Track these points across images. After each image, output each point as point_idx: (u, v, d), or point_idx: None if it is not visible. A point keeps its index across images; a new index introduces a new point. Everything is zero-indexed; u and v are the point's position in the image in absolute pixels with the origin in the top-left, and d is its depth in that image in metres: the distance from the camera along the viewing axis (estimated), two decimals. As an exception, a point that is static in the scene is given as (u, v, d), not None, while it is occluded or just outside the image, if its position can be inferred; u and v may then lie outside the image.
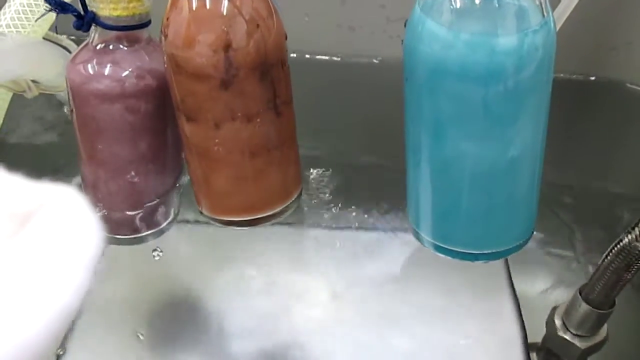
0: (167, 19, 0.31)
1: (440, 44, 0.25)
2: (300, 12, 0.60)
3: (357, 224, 0.46)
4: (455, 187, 0.30)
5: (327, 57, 0.60)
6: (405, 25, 0.27)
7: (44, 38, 0.52)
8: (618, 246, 0.29)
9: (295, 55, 0.60)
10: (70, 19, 0.34)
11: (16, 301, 0.13)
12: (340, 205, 0.48)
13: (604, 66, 0.58)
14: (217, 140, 0.33)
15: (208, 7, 0.29)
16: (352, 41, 0.59)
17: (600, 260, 0.32)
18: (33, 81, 0.54)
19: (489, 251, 0.34)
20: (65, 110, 0.59)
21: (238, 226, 0.37)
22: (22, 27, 0.49)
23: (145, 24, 0.35)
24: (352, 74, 0.60)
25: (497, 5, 0.25)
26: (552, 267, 0.45)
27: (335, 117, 0.58)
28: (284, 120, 0.35)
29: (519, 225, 0.34)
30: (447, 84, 0.26)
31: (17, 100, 0.53)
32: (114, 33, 0.34)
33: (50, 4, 0.33)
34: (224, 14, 0.29)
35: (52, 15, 0.37)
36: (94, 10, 0.33)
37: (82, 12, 0.34)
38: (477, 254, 0.34)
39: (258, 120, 0.32)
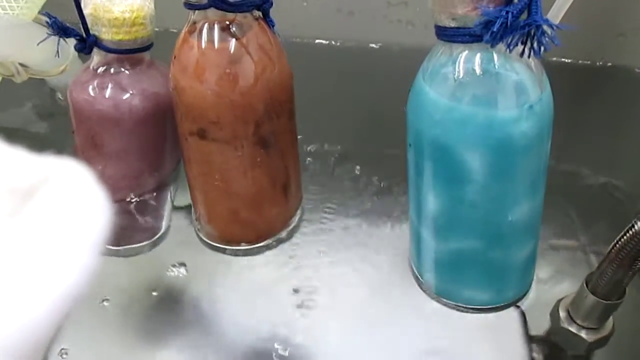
0: (175, 57, 0.32)
1: (440, 114, 0.26)
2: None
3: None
4: (455, 243, 0.31)
5: (326, 42, 0.60)
6: (409, 92, 0.29)
7: (33, 21, 0.53)
8: (629, 233, 0.29)
9: (296, 40, 0.60)
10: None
11: (17, 283, 0.13)
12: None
13: (611, 52, 0.58)
14: (216, 177, 0.33)
15: (216, 46, 0.30)
16: (352, 26, 0.59)
17: (609, 248, 0.31)
18: (22, 65, 0.54)
19: (485, 306, 0.35)
20: (59, 97, 0.59)
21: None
22: (11, 9, 0.49)
23: (147, 47, 0.35)
24: (351, 59, 0.60)
25: (497, 79, 0.26)
26: (555, 259, 0.45)
27: (334, 102, 0.59)
28: (288, 154, 0.35)
29: (515, 284, 0.35)
30: (447, 153, 0.27)
31: (7, 85, 0.53)
32: (115, 56, 0.35)
33: (53, 28, 0.34)
34: (231, 53, 0.30)
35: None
36: (96, 34, 0.34)
37: (84, 36, 0.34)
38: (472, 308, 0.35)
39: (258, 160, 0.33)
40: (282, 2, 0.62)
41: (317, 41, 0.59)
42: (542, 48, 0.23)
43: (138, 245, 0.38)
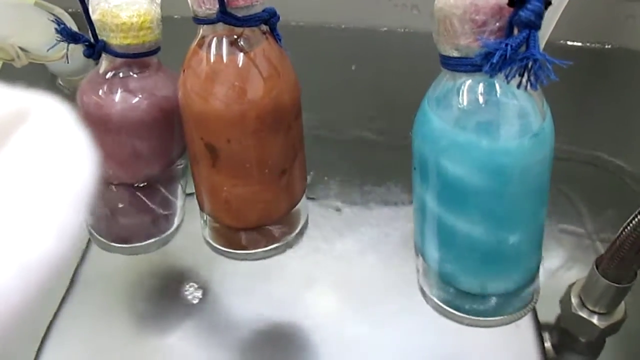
0: (184, 70, 0.33)
1: (444, 141, 0.28)
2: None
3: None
4: (457, 264, 0.32)
5: (332, 26, 0.61)
6: (414, 117, 0.30)
7: (35, 4, 0.54)
8: (640, 216, 0.30)
9: (302, 24, 0.61)
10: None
11: None
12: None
13: (620, 34, 0.59)
14: (225, 189, 0.35)
15: (225, 60, 0.31)
16: (358, 10, 0.60)
17: (620, 230, 0.32)
18: (22, 49, 0.55)
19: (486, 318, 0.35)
20: (60, 83, 0.60)
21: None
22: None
23: (154, 51, 0.37)
24: (357, 43, 0.62)
25: (499, 107, 0.27)
26: (562, 246, 0.47)
27: (340, 86, 0.60)
28: (294, 172, 0.37)
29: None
30: (450, 179, 0.29)
31: (8, 70, 0.54)
32: (123, 60, 0.36)
33: (62, 34, 0.35)
34: (240, 67, 0.31)
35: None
36: (105, 39, 0.35)
37: (92, 41, 0.35)
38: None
39: (266, 171, 0.34)
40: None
41: (322, 25, 0.60)
42: (539, 81, 0.25)
43: (147, 242, 0.40)
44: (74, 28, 0.54)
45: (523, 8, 0.24)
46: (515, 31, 0.25)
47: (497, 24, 0.26)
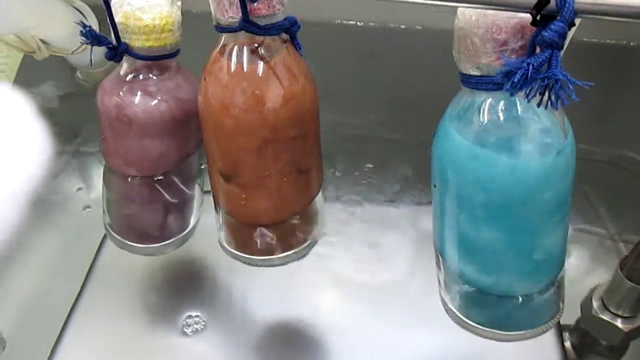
0: (205, 79, 0.33)
1: (464, 159, 0.28)
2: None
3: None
4: (478, 277, 0.32)
5: (350, 22, 0.61)
6: (433, 136, 0.30)
7: (57, -3, 0.54)
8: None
9: (318, 20, 0.61)
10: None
11: None
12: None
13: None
14: (244, 196, 0.36)
15: (245, 68, 0.32)
16: (374, 7, 0.60)
17: None
18: (43, 41, 0.56)
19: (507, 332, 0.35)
20: (79, 75, 0.61)
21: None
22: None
23: (174, 54, 0.38)
24: (373, 40, 0.62)
25: (521, 125, 0.28)
26: (584, 248, 0.47)
27: (356, 82, 0.60)
28: (311, 178, 0.37)
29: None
30: (471, 197, 0.29)
31: (28, 63, 0.55)
32: (144, 62, 0.37)
33: (87, 37, 0.35)
34: (260, 75, 0.32)
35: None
36: (127, 41, 0.36)
37: (115, 44, 0.36)
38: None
39: (285, 179, 0.35)
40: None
41: (337, 22, 0.60)
42: (560, 101, 0.25)
43: (164, 244, 0.41)
44: (95, 21, 0.55)
45: (546, 28, 0.24)
46: (537, 50, 0.25)
47: (519, 43, 0.26)
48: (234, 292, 0.44)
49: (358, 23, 0.61)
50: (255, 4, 0.30)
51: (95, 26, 0.56)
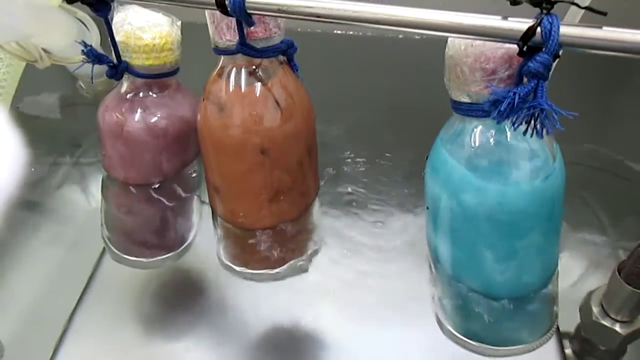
0: (204, 99, 0.34)
1: (456, 183, 0.29)
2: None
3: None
4: (469, 295, 0.33)
5: (351, 33, 0.62)
6: (426, 159, 0.31)
7: (59, 7, 0.55)
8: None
9: (318, 30, 0.62)
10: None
11: None
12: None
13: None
14: (241, 214, 0.37)
15: (243, 90, 0.33)
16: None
17: None
18: (45, 50, 0.57)
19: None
20: (80, 85, 0.62)
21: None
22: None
23: (174, 72, 0.39)
24: (371, 49, 0.63)
25: (510, 151, 0.29)
26: (583, 253, 0.47)
27: (354, 91, 0.61)
28: (307, 194, 0.39)
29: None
30: (462, 219, 0.30)
31: (30, 72, 0.56)
32: (144, 80, 0.38)
33: (88, 56, 0.36)
34: (257, 97, 0.33)
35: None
36: (127, 60, 0.37)
37: (116, 62, 0.37)
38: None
39: (282, 198, 0.36)
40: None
41: (335, 32, 0.61)
42: (545, 130, 0.26)
43: (161, 258, 0.42)
44: (97, 32, 0.56)
45: (532, 59, 0.25)
46: (524, 80, 0.26)
47: (507, 73, 0.27)
48: (232, 304, 0.45)
49: (356, 33, 0.62)
50: (252, 28, 0.31)
51: (97, 37, 0.57)
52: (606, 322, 0.38)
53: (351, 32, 0.63)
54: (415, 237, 0.49)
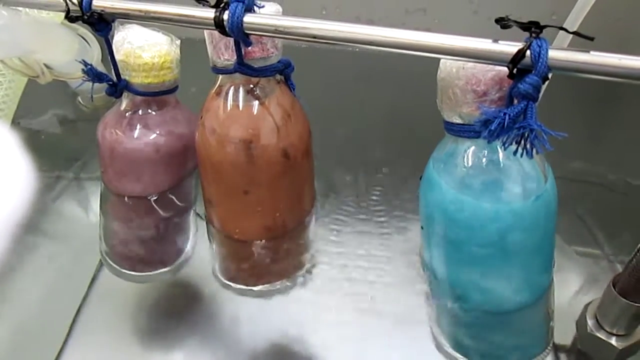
0: (202, 117, 0.35)
1: (448, 203, 0.30)
2: (317, 6, 0.63)
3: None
4: (464, 312, 0.34)
5: (349, 48, 0.62)
6: (420, 179, 0.32)
7: (62, 23, 0.56)
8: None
9: (316, 46, 0.63)
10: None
11: None
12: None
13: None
14: (237, 230, 0.38)
15: (241, 108, 0.34)
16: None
17: (637, 248, 0.32)
18: (46, 66, 0.57)
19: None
20: (80, 101, 0.63)
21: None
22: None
23: (173, 90, 0.39)
24: (370, 65, 0.63)
25: (502, 171, 0.29)
26: (578, 268, 0.47)
27: (352, 106, 0.62)
28: (303, 210, 0.39)
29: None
30: (455, 239, 0.30)
31: (31, 88, 0.57)
32: (143, 98, 0.39)
33: (89, 75, 0.37)
34: (255, 115, 0.34)
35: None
36: (127, 78, 0.37)
37: (115, 80, 0.38)
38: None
39: (277, 214, 0.37)
40: (302, 11, 0.64)
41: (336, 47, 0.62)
42: (534, 150, 0.27)
43: (158, 272, 0.43)
44: (98, 48, 0.57)
45: (522, 81, 0.26)
46: (515, 101, 0.27)
47: (497, 94, 0.27)
48: (229, 317, 0.45)
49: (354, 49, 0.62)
50: (249, 48, 0.32)
51: (98, 53, 0.58)
52: (601, 335, 0.38)
53: (349, 48, 0.64)
54: (413, 252, 0.49)
